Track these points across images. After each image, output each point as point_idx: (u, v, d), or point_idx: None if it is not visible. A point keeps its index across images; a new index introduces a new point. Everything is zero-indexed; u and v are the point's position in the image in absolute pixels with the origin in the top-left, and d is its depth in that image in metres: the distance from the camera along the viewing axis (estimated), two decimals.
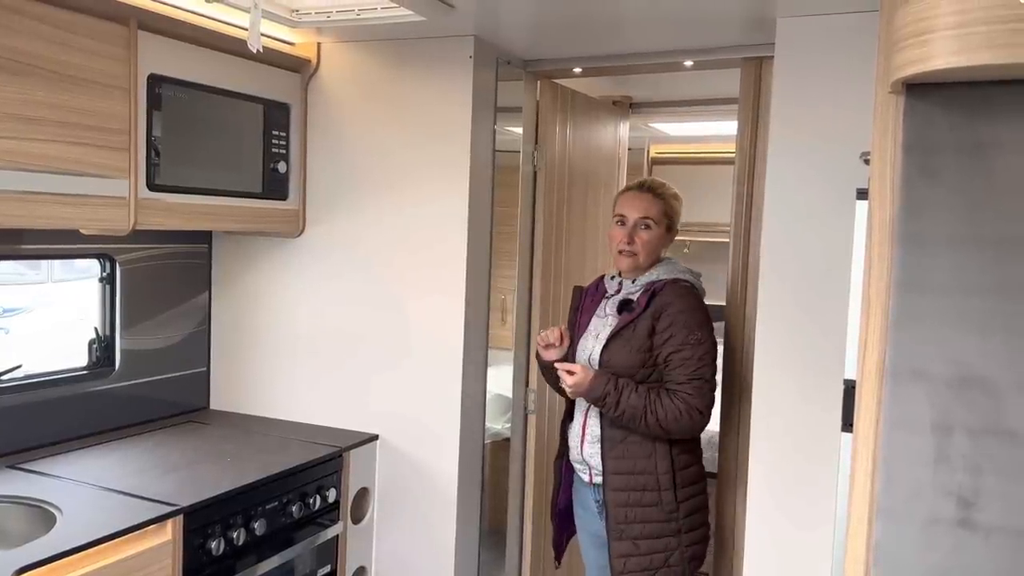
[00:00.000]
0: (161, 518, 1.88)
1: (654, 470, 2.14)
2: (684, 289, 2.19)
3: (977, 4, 1.20)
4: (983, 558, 1.36)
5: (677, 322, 2.12)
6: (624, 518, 2.14)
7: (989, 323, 1.35)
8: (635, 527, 2.14)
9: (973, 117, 1.34)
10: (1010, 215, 1.31)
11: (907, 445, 1.43)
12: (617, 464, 2.15)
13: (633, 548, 2.14)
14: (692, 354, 2.11)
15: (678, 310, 2.13)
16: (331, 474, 2.42)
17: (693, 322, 2.13)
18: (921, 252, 1.41)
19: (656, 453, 2.13)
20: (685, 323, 2.12)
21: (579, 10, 2.21)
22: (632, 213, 2.22)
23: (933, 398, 1.41)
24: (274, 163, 2.59)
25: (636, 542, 2.14)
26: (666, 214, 2.25)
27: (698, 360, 2.11)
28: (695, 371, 2.11)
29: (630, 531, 2.14)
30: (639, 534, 2.14)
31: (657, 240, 2.23)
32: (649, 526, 2.14)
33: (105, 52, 2.04)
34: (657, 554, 2.15)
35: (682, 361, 2.11)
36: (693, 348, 2.11)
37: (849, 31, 2.07)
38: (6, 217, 1.88)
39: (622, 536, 2.14)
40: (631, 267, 2.24)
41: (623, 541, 2.15)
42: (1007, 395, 1.32)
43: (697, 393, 2.09)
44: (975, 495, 1.36)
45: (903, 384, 1.43)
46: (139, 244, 2.58)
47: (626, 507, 2.14)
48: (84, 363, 2.53)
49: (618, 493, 2.14)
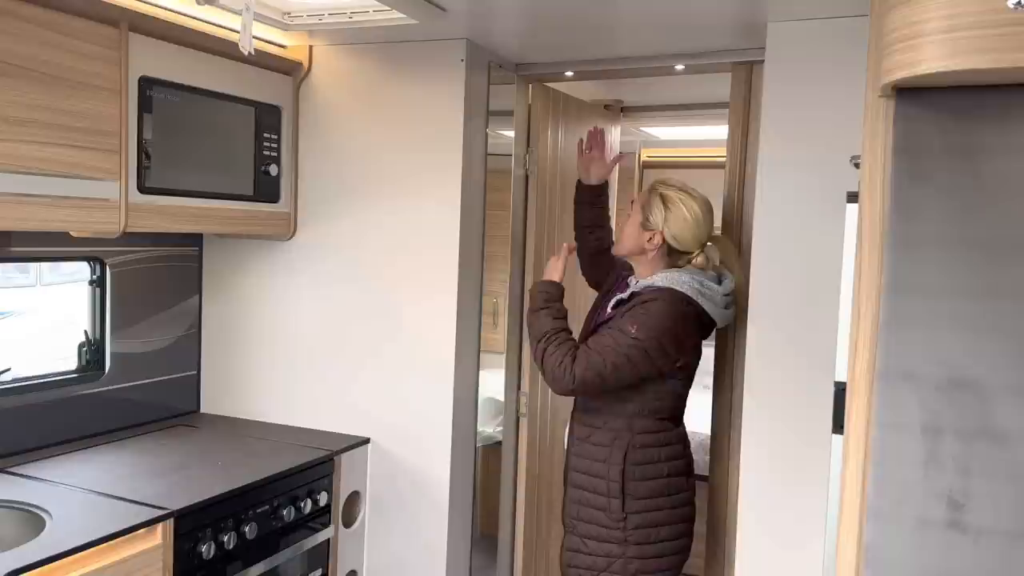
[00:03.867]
0: (151, 522, 1.86)
1: (606, 475, 2.13)
2: (669, 294, 2.10)
3: (966, 8, 1.21)
4: (973, 560, 1.37)
5: (635, 313, 2.07)
6: (576, 514, 2.20)
7: (979, 325, 1.36)
8: (583, 525, 2.18)
9: (963, 121, 1.35)
10: (999, 218, 1.32)
11: (897, 447, 1.44)
12: (577, 461, 2.21)
13: (581, 545, 2.19)
14: (613, 338, 2.05)
15: (644, 303, 2.09)
16: (322, 478, 2.41)
17: (646, 321, 2.05)
18: (911, 254, 1.42)
19: (610, 459, 2.13)
20: (636, 316, 2.07)
21: (571, 14, 2.22)
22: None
23: (923, 400, 1.42)
24: (265, 166, 2.58)
25: (584, 540, 2.18)
26: (642, 206, 2.20)
27: (613, 344, 2.04)
28: (601, 346, 2.05)
29: (579, 528, 2.19)
30: (585, 533, 2.18)
31: (630, 228, 2.22)
32: (595, 527, 2.16)
33: (96, 54, 2.03)
34: (600, 557, 2.16)
35: (602, 334, 2.09)
36: (619, 335, 2.05)
37: (839, 35, 2.08)
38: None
39: (574, 530, 2.21)
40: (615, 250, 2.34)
41: (573, 536, 2.21)
42: (997, 397, 1.33)
43: (584, 360, 2.03)
44: (965, 497, 1.37)
45: (893, 386, 1.44)
46: (129, 247, 2.57)
47: (579, 504, 2.20)
48: (74, 366, 2.51)
49: (575, 489, 2.21)
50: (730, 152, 2.56)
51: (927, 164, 1.40)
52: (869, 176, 1.46)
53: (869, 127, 1.47)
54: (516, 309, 2.91)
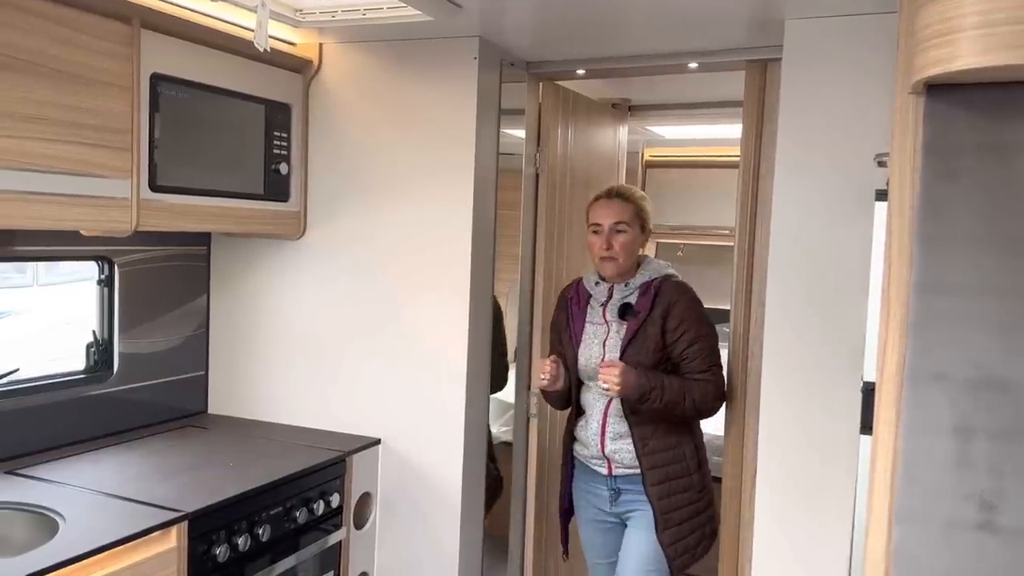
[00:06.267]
0: (166, 524, 1.84)
1: (683, 457, 2.28)
2: (681, 285, 2.34)
3: (1002, 4, 1.19)
4: (1004, 561, 1.35)
5: (688, 318, 2.26)
6: (668, 507, 2.25)
7: (1010, 324, 1.35)
8: (678, 512, 2.26)
9: (995, 118, 1.34)
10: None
11: (927, 448, 1.42)
12: (652, 459, 2.26)
13: (678, 533, 2.26)
14: (707, 345, 2.28)
15: (686, 306, 2.28)
16: (334, 479, 2.39)
17: (701, 315, 2.30)
18: (941, 253, 1.41)
19: (682, 441, 2.29)
20: (696, 318, 2.28)
21: (584, 10, 2.19)
22: (606, 220, 2.31)
23: (954, 400, 1.40)
24: (275, 164, 2.56)
25: (681, 527, 2.26)
26: (638, 215, 2.34)
27: (711, 349, 2.29)
28: (712, 358, 2.29)
29: (676, 517, 2.26)
30: (682, 518, 2.26)
31: (633, 241, 2.33)
32: (688, 509, 2.27)
33: (108, 50, 2.01)
34: (695, 532, 2.29)
35: (699, 352, 2.26)
36: (706, 340, 2.28)
37: (858, 33, 2.07)
38: (5, 218, 1.84)
39: (668, 524, 2.25)
40: (614, 271, 2.33)
41: (670, 529, 2.25)
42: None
43: (717, 376, 2.29)
44: (997, 498, 1.36)
45: (923, 386, 1.42)
46: (136, 246, 2.54)
47: (668, 497, 2.25)
48: (80, 367, 2.49)
49: (659, 487, 2.25)
50: (744, 151, 2.54)
51: (958, 162, 1.38)
52: (898, 174, 1.45)
53: (899, 124, 1.45)
54: (525, 308, 2.89)
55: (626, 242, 2.29)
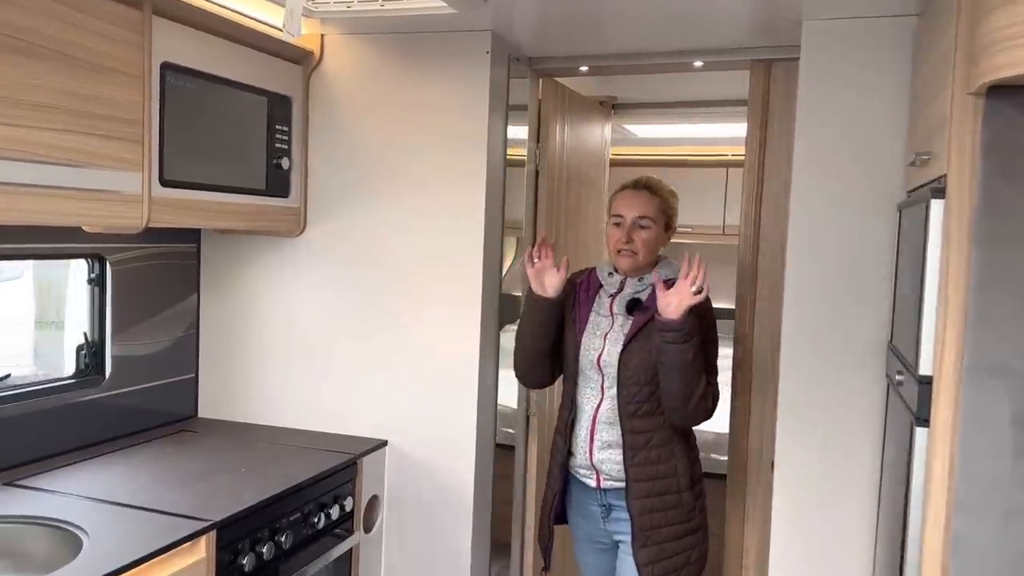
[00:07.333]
0: (195, 535, 1.75)
1: (674, 472, 2.12)
2: None
3: None
4: None
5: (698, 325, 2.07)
6: (649, 524, 2.11)
7: None
8: (661, 531, 2.12)
9: None
10: None
11: (986, 439, 1.47)
12: (638, 471, 2.11)
13: (659, 553, 2.11)
14: (713, 349, 2.15)
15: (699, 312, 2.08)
16: (347, 482, 2.33)
17: (711, 323, 2.14)
18: (1000, 251, 1.45)
19: (675, 455, 2.13)
20: (706, 324, 2.12)
21: (595, 5, 2.17)
22: (629, 212, 2.15)
23: (1013, 393, 1.45)
24: (277, 159, 2.47)
25: (662, 546, 2.12)
26: (664, 212, 2.19)
27: (716, 355, 2.16)
28: (712, 371, 2.13)
29: (656, 536, 2.11)
30: (664, 538, 2.12)
31: (656, 238, 2.18)
32: (672, 528, 2.12)
33: (119, 37, 1.90)
34: (680, 555, 2.13)
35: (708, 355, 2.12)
36: (711, 348, 2.14)
37: (878, 34, 2.11)
38: (8, 212, 1.72)
39: (647, 543, 2.11)
40: (632, 266, 2.18)
41: (649, 548, 2.11)
42: None
43: (714, 388, 2.13)
44: None
45: (982, 380, 1.47)
46: (126, 243, 2.42)
47: (651, 513, 2.11)
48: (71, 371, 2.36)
49: (642, 500, 2.11)
50: (748, 150, 2.58)
51: (1019, 162, 1.43)
52: (957, 173, 1.48)
53: (957, 125, 1.48)
54: None
55: (648, 239, 2.14)
